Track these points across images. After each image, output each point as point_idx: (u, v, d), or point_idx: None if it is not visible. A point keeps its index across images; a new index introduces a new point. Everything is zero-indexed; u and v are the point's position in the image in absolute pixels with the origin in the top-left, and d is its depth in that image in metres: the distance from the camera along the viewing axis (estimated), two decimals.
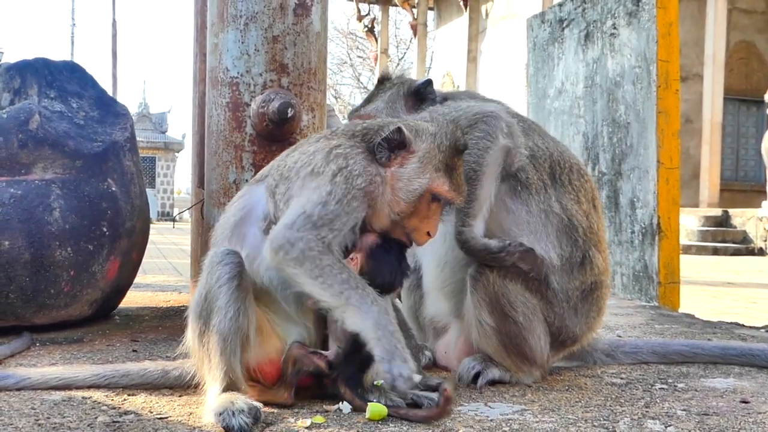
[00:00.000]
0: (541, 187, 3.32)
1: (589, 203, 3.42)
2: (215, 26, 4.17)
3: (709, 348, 3.81)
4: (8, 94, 4.50)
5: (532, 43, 8.76)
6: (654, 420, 2.74)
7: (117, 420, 2.58)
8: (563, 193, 3.36)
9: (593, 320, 3.40)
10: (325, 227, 2.67)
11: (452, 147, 2.87)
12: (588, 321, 3.37)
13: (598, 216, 3.46)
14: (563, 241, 3.30)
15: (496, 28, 27.42)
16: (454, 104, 3.44)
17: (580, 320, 3.34)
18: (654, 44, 6.51)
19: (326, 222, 2.67)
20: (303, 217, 2.67)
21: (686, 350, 3.78)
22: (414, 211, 2.81)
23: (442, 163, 2.84)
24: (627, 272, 6.86)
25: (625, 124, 6.93)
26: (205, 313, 2.69)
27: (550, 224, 3.29)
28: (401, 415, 2.66)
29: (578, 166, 3.49)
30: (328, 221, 2.67)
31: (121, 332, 4.25)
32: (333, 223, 2.68)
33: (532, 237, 3.26)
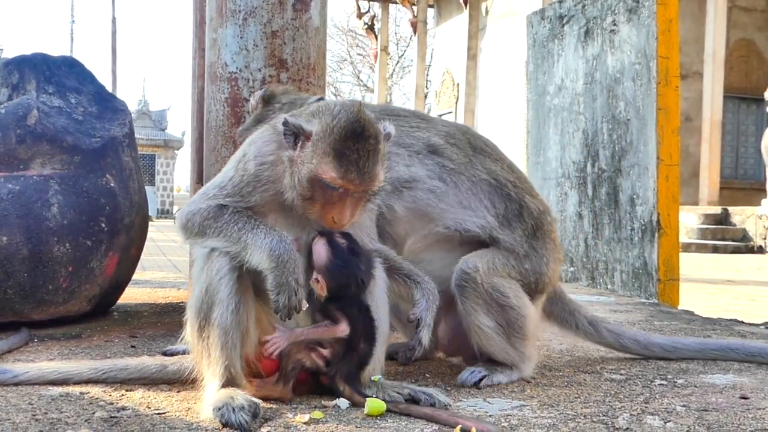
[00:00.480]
0: (467, 161, 3.31)
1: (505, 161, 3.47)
2: (214, 21, 4.16)
3: (688, 343, 3.81)
4: (6, 89, 4.49)
5: (532, 40, 8.75)
6: (653, 416, 2.73)
7: (115, 415, 2.57)
8: (484, 159, 3.37)
9: (551, 250, 3.39)
10: (218, 197, 2.76)
11: (345, 129, 2.61)
12: (548, 253, 3.37)
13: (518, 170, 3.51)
14: (496, 201, 3.30)
15: (496, 25, 27.40)
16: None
17: (541, 257, 3.34)
18: (654, 40, 6.50)
19: (218, 195, 2.77)
20: (200, 195, 2.82)
21: (667, 344, 3.79)
22: (314, 196, 2.66)
23: (331, 147, 2.61)
24: (626, 269, 6.86)
25: (624, 121, 6.92)
26: (205, 307, 2.68)
27: (481, 191, 3.29)
28: (400, 411, 2.66)
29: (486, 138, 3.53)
30: (218, 194, 2.77)
31: (120, 328, 4.24)
32: (225, 198, 2.76)
33: (466, 212, 3.26)
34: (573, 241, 7.80)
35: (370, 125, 2.64)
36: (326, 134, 2.62)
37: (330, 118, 2.64)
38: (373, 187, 2.67)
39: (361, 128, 2.61)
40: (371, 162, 2.62)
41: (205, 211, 2.74)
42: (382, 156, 2.68)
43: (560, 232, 8.01)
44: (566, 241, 7.91)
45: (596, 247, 7.39)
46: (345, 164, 2.59)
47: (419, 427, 2.51)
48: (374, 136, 2.64)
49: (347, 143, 2.60)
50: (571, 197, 7.86)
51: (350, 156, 2.60)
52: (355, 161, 2.60)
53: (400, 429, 2.50)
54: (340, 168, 2.59)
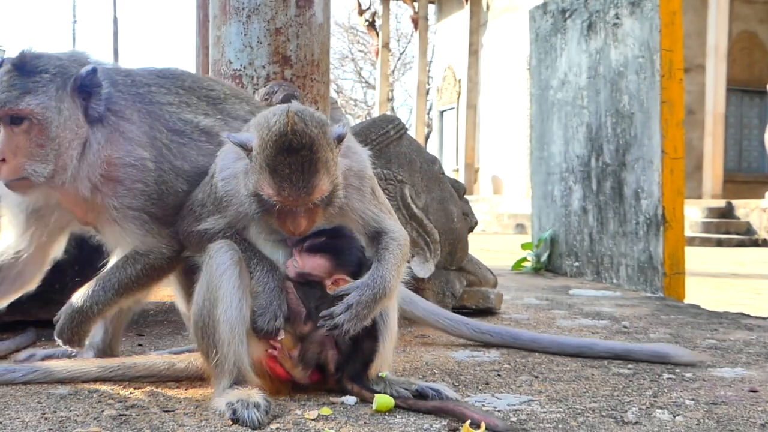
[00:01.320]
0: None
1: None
2: (218, 19, 4.16)
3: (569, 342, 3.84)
4: None
5: (535, 34, 8.73)
6: (662, 409, 2.73)
7: (123, 413, 2.57)
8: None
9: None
10: (205, 221, 2.81)
11: (276, 144, 2.54)
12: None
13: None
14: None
15: (498, 21, 27.37)
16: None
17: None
18: (657, 33, 6.48)
19: (203, 214, 2.82)
20: (189, 212, 2.87)
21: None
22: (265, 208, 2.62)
23: (265, 163, 2.54)
24: (632, 263, 6.85)
25: (628, 115, 6.91)
26: (209, 304, 2.66)
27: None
28: (409, 406, 2.66)
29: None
30: (203, 213, 2.82)
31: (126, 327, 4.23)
32: (209, 215, 2.81)
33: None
34: (578, 235, 7.79)
35: (302, 136, 2.53)
36: (261, 149, 2.56)
37: (265, 131, 2.58)
38: (312, 199, 2.57)
39: (288, 142, 2.52)
40: (306, 174, 2.53)
41: (197, 234, 2.83)
42: (323, 164, 2.56)
43: (565, 226, 8.01)
44: (571, 236, 7.91)
45: (601, 241, 7.38)
46: (278, 180, 2.53)
47: (428, 423, 2.51)
48: (308, 147, 2.53)
49: (278, 158, 2.53)
50: (575, 192, 7.85)
51: (282, 171, 2.53)
52: (288, 177, 2.52)
53: (409, 425, 2.50)
54: (274, 185, 2.54)
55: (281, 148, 2.53)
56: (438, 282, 4.59)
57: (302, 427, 2.45)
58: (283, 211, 2.60)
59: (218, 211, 2.80)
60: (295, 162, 2.53)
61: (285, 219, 2.62)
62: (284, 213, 2.60)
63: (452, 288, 4.66)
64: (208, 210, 2.82)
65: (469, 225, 4.96)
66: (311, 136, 2.55)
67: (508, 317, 4.90)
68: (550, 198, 8.37)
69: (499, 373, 3.31)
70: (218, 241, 2.74)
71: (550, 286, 6.91)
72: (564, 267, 8.04)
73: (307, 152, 2.53)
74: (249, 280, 2.73)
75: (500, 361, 3.56)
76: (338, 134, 2.65)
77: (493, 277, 5.10)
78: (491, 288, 5.02)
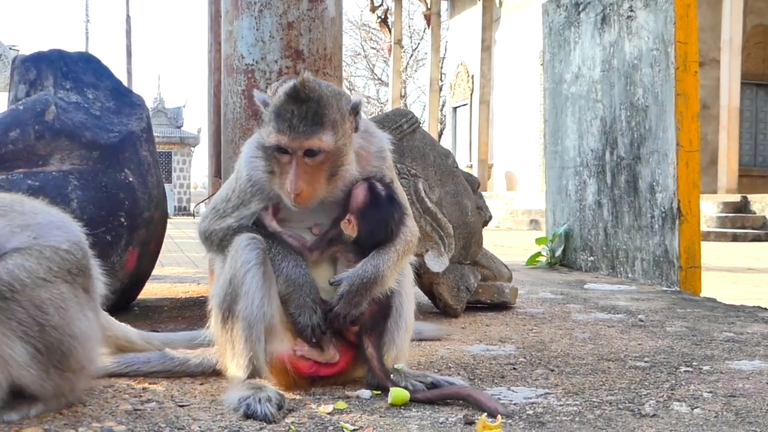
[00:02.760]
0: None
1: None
2: (230, 14, 4.15)
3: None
4: (24, 85, 4.50)
5: (548, 28, 8.70)
6: (680, 402, 2.71)
7: (139, 408, 2.57)
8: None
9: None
10: (229, 217, 2.82)
11: (285, 93, 2.64)
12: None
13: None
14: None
15: (510, 16, 27.32)
16: None
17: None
18: (672, 26, 6.44)
19: (227, 210, 2.84)
20: (213, 212, 2.89)
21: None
22: (270, 166, 2.70)
23: (273, 112, 2.66)
24: (647, 257, 6.81)
25: (643, 108, 6.87)
26: (229, 299, 2.67)
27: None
28: (424, 399, 2.65)
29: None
30: (227, 209, 2.84)
31: (141, 323, 4.23)
32: (233, 211, 2.82)
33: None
34: (592, 230, 7.76)
35: (311, 90, 2.62)
36: (273, 102, 2.68)
37: (281, 89, 2.68)
38: (310, 144, 2.61)
39: (296, 92, 2.62)
40: (307, 121, 2.61)
41: (220, 232, 2.83)
42: (329, 120, 2.63)
43: (579, 221, 7.98)
44: (585, 230, 7.88)
45: (616, 235, 7.35)
46: (280, 123, 2.62)
47: (443, 416, 2.49)
48: (315, 100, 2.62)
49: (284, 105, 2.63)
50: (590, 186, 7.82)
51: (285, 116, 2.62)
52: (289, 119, 2.61)
53: (425, 418, 2.48)
54: (276, 127, 2.63)
55: (289, 96, 2.62)
56: (452, 276, 4.58)
57: (318, 421, 2.44)
58: (284, 168, 2.65)
59: (243, 203, 2.80)
60: (298, 109, 2.62)
61: (285, 178, 2.65)
62: (285, 171, 2.64)
63: (467, 282, 4.64)
64: (232, 204, 2.83)
65: (483, 219, 4.94)
66: (320, 93, 2.65)
67: (523, 311, 4.87)
68: (564, 192, 8.34)
69: (515, 367, 3.29)
70: (244, 235, 2.74)
71: (565, 281, 6.88)
72: (579, 261, 8.01)
73: (313, 104, 2.62)
74: (274, 277, 2.73)
75: (516, 355, 3.54)
76: (352, 104, 2.73)
77: (508, 272, 5.08)
78: (506, 282, 5.00)
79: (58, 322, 2.33)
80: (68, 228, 2.58)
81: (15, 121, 4.10)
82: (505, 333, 4.13)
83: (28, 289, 2.28)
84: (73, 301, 2.41)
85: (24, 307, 2.27)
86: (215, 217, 2.86)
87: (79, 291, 2.45)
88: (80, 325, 2.41)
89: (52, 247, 2.40)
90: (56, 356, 2.34)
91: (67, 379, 2.41)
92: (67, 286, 2.40)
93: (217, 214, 2.86)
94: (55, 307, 2.33)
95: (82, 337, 2.42)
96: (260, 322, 2.65)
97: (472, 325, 4.36)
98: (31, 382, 2.33)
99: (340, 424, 2.39)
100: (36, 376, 2.32)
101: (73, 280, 2.43)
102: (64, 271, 2.40)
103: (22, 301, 2.26)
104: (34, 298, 2.29)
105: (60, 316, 2.34)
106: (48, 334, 2.31)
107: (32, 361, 2.30)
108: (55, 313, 2.32)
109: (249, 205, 2.80)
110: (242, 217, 2.81)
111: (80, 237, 2.59)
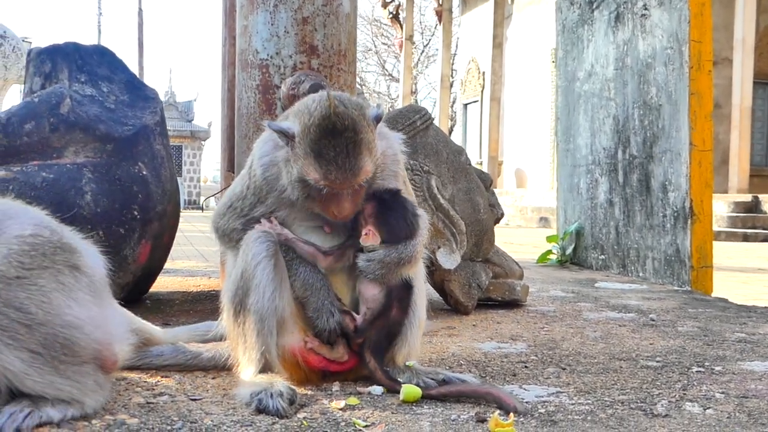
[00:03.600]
0: None
1: None
2: (245, 8, 4.15)
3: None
4: (39, 78, 4.51)
5: (561, 26, 8.68)
6: (692, 402, 2.70)
7: (151, 401, 2.57)
8: None
9: None
10: (244, 216, 2.84)
11: (320, 128, 2.56)
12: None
13: None
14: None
15: (522, 13, 27.25)
16: None
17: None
18: (686, 24, 6.42)
19: (245, 208, 2.84)
20: (228, 209, 2.89)
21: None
22: (310, 194, 2.65)
23: (310, 148, 2.57)
24: (659, 257, 6.80)
25: (656, 107, 6.85)
26: (241, 292, 2.68)
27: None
28: (436, 395, 2.65)
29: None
30: (244, 207, 2.84)
31: (153, 316, 4.24)
32: (251, 209, 2.83)
33: None
34: (603, 228, 7.74)
35: (344, 118, 2.56)
36: (305, 135, 2.59)
37: (307, 117, 2.60)
38: (359, 181, 2.61)
39: (332, 124, 2.55)
40: (352, 156, 2.56)
41: (238, 231, 2.83)
42: (365, 145, 2.60)
43: (591, 219, 7.97)
44: (597, 229, 7.86)
45: (627, 234, 7.33)
46: (324, 164, 2.55)
47: (455, 413, 2.49)
48: (351, 129, 2.56)
49: (323, 142, 2.56)
50: (601, 184, 7.80)
51: (327, 155, 2.55)
52: (334, 159, 2.55)
53: (436, 415, 2.49)
54: (320, 169, 2.56)
55: (325, 131, 2.56)
56: (464, 273, 4.57)
57: (329, 416, 2.44)
58: (328, 195, 2.62)
59: (259, 201, 2.82)
60: (339, 144, 2.55)
61: (329, 203, 2.64)
62: (329, 197, 2.63)
63: (478, 279, 4.64)
64: (250, 202, 2.83)
65: (495, 216, 4.94)
66: (353, 118, 2.58)
67: (535, 309, 4.87)
68: (576, 190, 8.32)
69: (526, 365, 3.29)
70: (255, 230, 2.75)
71: (576, 279, 6.87)
72: (590, 260, 8.00)
73: (350, 134, 2.56)
74: (285, 270, 2.74)
75: (527, 353, 3.54)
76: (375, 115, 2.69)
77: (520, 269, 5.07)
78: (517, 280, 5.00)
79: (44, 318, 2.19)
80: (24, 213, 2.44)
81: (30, 113, 4.11)
82: (517, 331, 4.12)
83: (3, 292, 2.15)
84: (58, 289, 2.25)
85: (3, 313, 2.13)
86: (233, 215, 2.87)
87: (63, 272, 2.30)
88: (71, 312, 2.26)
89: (17, 237, 2.25)
90: (57, 351, 2.22)
91: (86, 373, 2.31)
92: (47, 273, 2.25)
93: (235, 212, 2.86)
94: (37, 304, 2.19)
95: (78, 323, 2.27)
96: (272, 315, 2.66)
97: (483, 322, 4.36)
98: (40, 388, 2.21)
99: (352, 420, 2.39)
100: (42, 380, 2.20)
101: (52, 263, 2.27)
102: (39, 257, 2.25)
103: (0, 308, 2.14)
104: (12, 300, 2.16)
105: (44, 311, 2.19)
106: (37, 332, 2.17)
107: (31, 367, 2.17)
108: (38, 310, 2.18)
109: (266, 201, 2.81)
110: (260, 214, 2.82)
111: (41, 217, 2.46)
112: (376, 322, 2.76)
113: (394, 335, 2.79)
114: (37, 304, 2.19)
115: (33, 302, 2.19)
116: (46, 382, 2.21)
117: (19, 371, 2.16)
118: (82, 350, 2.29)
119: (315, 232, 2.82)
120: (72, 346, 2.25)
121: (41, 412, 2.21)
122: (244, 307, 2.67)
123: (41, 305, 2.20)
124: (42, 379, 2.20)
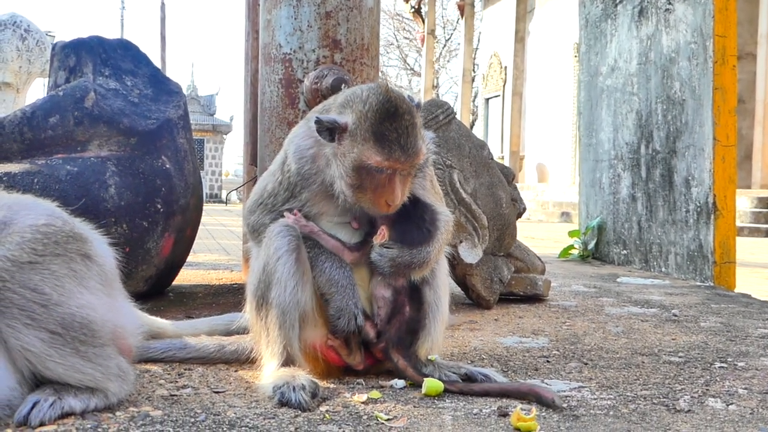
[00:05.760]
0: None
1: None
2: (268, 3, 4.17)
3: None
4: (64, 72, 4.54)
5: (584, 20, 8.64)
6: (715, 398, 2.69)
7: (175, 393, 2.59)
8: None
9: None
10: (275, 211, 2.84)
11: (380, 111, 2.62)
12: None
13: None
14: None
15: (545, 7, 27.12)
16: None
17: None
18: (710, 19, 6.37)
19: (276, 204, 2.85)
20: (259, 206, 2.92)
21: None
22: (363, 183, 2.65)
23: (370, 133, 2.61)
24: (681, 252, 6.76)
25: (680, 102, 6.81)
26: (263, 286, 2.70)
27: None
28: (458, 389, 2.65)
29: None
30: (276, 203, 2.85)
31: (176, 309, 4.27)
32: (282, 205, 2.84)
33: None
34: (626, 223, 7.71)
35: (401, 102, 2.65)
36: (362, 121, 2.62)
37: (362, 105, 2.64)
38: (419, 161, 2.67)
39: (394, 107, 2.62)
40: (411, 137, 2.63)
41: (266, 226, 2.83)
42: (419, 129, 2.68)
43: (613, 214, 7.93)
44: (619, 224, 7.83)
45: (650, 229, 7.30)
46: (387, 145, 2.60)
47: (477, 407, 2.50)
48: (408, 112, 2.64)
49: (385, 125, 2.61)
50: (624, 179, 7.77)
51: (390, 136, 2.60)
52: (396, 140, 2.60)
53: (458, 409, 2.49)
54: (383, 150, 2.60)
55: (387, 114, 2.61)
56: (486, 268, 4.57)
57: (352, 410, 2.45)
58: (382, 183, 2.64)
59: (292, 196, 2.83)
60: (400, 126, 2.62)
61: (382, 192, 2.66)
62: (383, 185, 2.64)
63: (500, 274, 4.64)
64: (282, 198, 2.84)
65: (517, 211, 4.93)
66: (408, 103, 2.67)
67: (556, 304, 4.86)
68: (598, 185, 8.29)
69: (548, 360, 3.29)
70: (277, 223, 2.77)
71: (598, 274, 6.85)
72: (611, 255, 7.97)
73: (408, 117, 2.64)
74: (308, 264, 2.74)
75: (549, 348, 3.54)
76: (417, 103, 2.75)
77: (541, 264, 5.06)
78: (539, 275, 4.99)
79: (59, 299, 2.22)
80: (38, 205, 2.50)
81: (55, 107, 4.14)
82: (538, 325, 4.12)
83: (18, 275, 2.19)
84: (69, 276, 2.30)
85: (19, 293, 2.17)
86: (263, 211, 2.88)
87: (75, 260, 2.34)
88: (81, 298, 2.29)
89: (31, 226, 2.30)
90: (77, 330, 2.23)
91: (108, 356, 2.33)
92: (59, 260, 2.29)
93: (266, 208, 2.88)
94: (51, 286, 2.22)
95: (93, 306, 2.31)
96: (294, 309, 2.67)
97: (504, 316, 4.35)
98: (63, 371, 2.22)
99: (375, 414, 2.40)
100: (64, 362, 2.21)
101: (64, 251, 2.32)
102: (52, 245, 2.29)
103: (16, 289, 2.17)
104: (27, 282, 2.19)
105: (58, 293, 2.23)
106: (54, 312, 2.20)
107: (52, 347, 2.19)
108: (52, 291, 2.22)
109: (299, 196, 2.81)
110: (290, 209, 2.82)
111: (53, 208, 2.51)
112: (392, 321, 2.77)
113: (416, 331, 2.80)
114: (51, 287, 2.23)
115: (47, 284, 2.23)
116: (68, 364, 2.23)
117: (40, 352, 2.18)
118: (100, 330, 2.31)
119: (342, 228, 2.83)
120: (90, 325, 2.28)
121: (63, 402, 2.23)
122: (266, 301, 2.68)
123: (55, 288, 2.24)
124: (64, 361, 2.22)
